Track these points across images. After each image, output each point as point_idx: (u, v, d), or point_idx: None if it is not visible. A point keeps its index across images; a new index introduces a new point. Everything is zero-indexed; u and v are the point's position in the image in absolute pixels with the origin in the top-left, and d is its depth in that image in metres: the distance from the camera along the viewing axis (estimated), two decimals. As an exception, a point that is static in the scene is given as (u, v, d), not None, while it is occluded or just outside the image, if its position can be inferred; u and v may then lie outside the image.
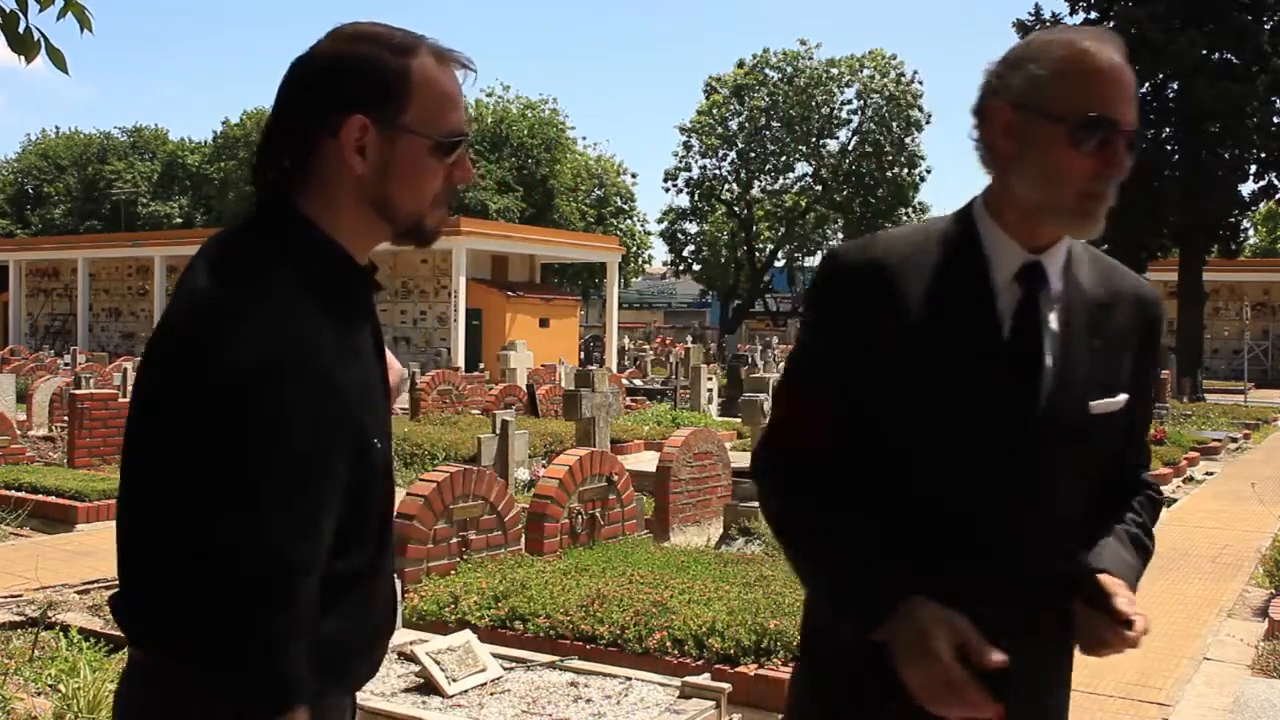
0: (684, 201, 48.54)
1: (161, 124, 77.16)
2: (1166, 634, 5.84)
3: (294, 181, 1.44)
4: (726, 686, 4.17)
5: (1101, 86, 1.46)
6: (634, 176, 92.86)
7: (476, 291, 29.01)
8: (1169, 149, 27.45)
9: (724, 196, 47.31)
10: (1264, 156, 28.11)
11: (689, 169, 46.86)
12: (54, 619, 5.17)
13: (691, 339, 37.93)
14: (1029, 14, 28.33)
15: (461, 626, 4.89)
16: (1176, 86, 27.08)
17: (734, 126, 46.20)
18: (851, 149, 45.69)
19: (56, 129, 57.95)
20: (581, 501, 6.79)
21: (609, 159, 48.86)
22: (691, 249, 50.59)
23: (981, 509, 1.51)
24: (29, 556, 7.24)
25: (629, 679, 4.25)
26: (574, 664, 4.47)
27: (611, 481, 7.03)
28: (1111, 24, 25.60)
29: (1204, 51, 26.33)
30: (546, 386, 16.64)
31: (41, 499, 8.67)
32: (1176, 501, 10.68)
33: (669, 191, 51.69)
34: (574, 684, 4.22)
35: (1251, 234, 45.20)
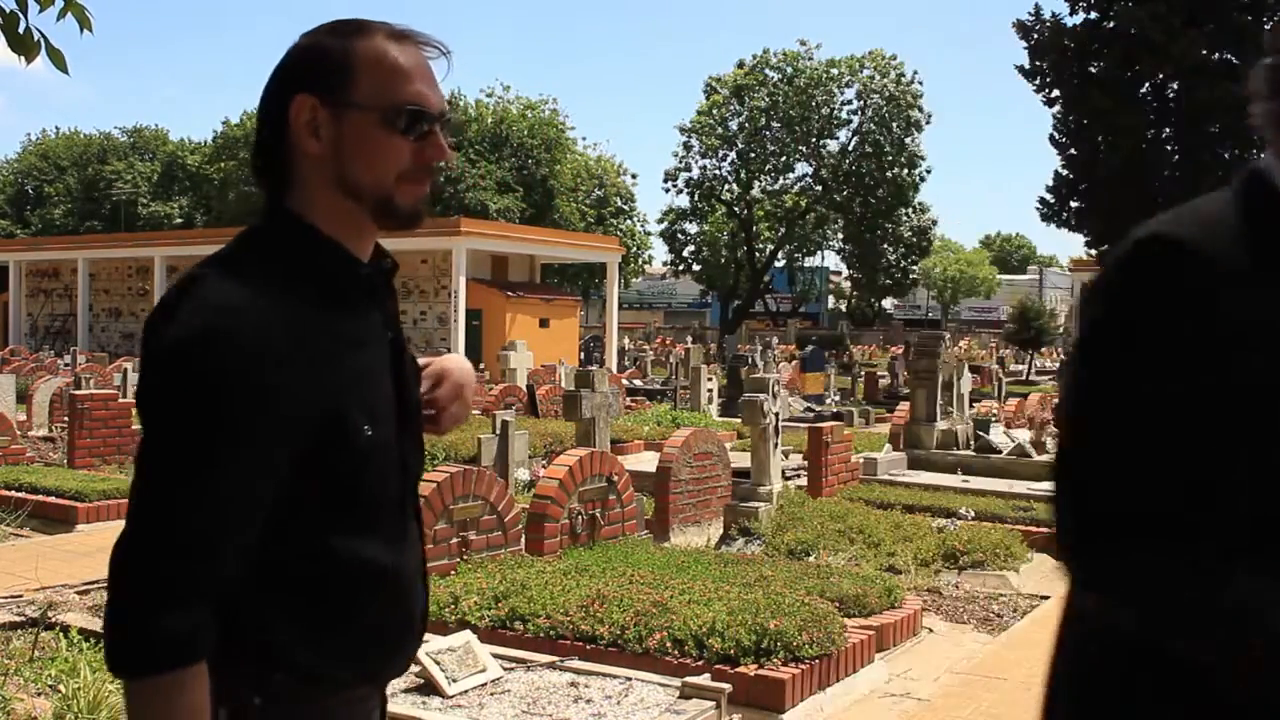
0: (684, 202, 48.63)
1: (161, 124, 77.52)
2: None
3: (282, 182, 1.49)
4: (726, 687, 4.18)
5: None
6: (634, 177, 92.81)
7: (476, 292, 28.98)
8: (1169, 149, 27.45)
9: (724, 197, 47.30)
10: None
11: (689, 169, 46.90)
12: (54, 619, 5.16)
13: (691, 339, 37.86)
14: (1029, 14, 28.32)
15: (461, 627, 4.89)
16: (1176, 86, 27.08)
17: (734, 127, 46.19)
18: (851, 149, 45.67)
19: (56, 129, 58.03)
20: (581, 502, 6.78)
21: (609, 159, 48.82)
22: (691, 249, 50.62)
23: None
24: (29, 557, 7.24)
25: (629, 679, 4.25)
26: (574, 664, 4.48)
27: (611, 482, 7.03)
28: (1112, 24, 25.61)
29: (1204, 51, 26.31)
30: (546, 387, 16.64)
31: (41, 499, 8.68)
32: None
33: (669, 192, 51.62)
34: (574, 684, 4.23)
35: (1251, 234, 45.17)
